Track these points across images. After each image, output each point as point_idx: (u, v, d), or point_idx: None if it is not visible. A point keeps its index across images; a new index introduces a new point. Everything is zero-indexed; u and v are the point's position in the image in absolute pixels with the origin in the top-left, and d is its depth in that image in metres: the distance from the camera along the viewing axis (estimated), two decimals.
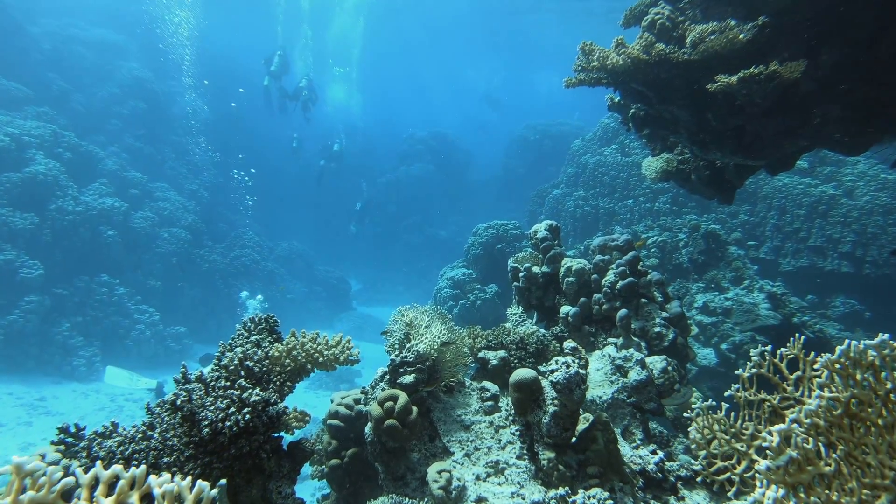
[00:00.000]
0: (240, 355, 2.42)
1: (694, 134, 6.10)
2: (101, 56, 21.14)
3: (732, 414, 1.80)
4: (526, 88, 52.64)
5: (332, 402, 3.78)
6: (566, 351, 2.92)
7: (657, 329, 4.09)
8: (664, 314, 4.18)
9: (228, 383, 2.30)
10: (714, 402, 2.17)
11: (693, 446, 2.00)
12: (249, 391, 2.25)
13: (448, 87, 53.38)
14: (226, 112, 24.89)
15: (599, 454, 2.86)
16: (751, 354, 1.96)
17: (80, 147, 16.35)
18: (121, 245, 15.40)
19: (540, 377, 3.05)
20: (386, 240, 28.03)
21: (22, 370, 12.39)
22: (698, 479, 3.08)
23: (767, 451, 1.50)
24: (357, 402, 3.70)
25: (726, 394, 1.94)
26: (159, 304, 15.66)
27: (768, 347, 1.93)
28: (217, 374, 2.41)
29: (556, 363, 2.89)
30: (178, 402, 2.21)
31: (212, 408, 2.19)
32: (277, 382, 2.54)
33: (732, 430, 1.78)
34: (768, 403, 1.76)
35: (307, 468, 4.00)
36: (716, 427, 1.89)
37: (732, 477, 1.70)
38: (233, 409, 2.17)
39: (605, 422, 2.97)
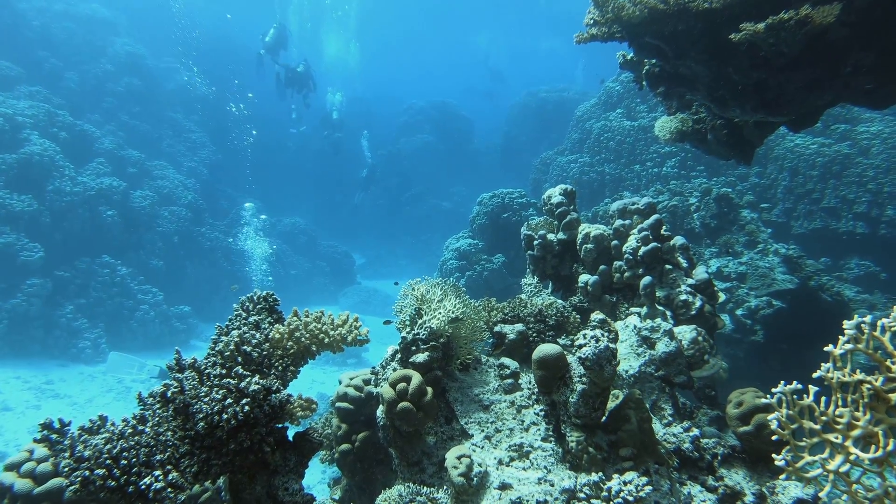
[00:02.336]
0: (236, 339, 2.17)
1: (713, 90, 5.75)
2: (92, 32, 20.51)
3: (823, 399, 1.57)
4: (528, 55, 51.48)
5: (340, 382, 3.55)
6: (594, 323, 2.68)
7: (683, 297, 3.84)
8: (690, 281, 3.92)
9: (224, 371, 2.06)
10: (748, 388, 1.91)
11: (774, 436, 1.76)
12: (248, 379, 2.01)
13: (449, 54, 52.23)
14: (222, 87, 24.29)
15: (632, 434, 2.64)
16: (844, 326, 1.70)
17: (76, 126, 15.96)
18: (121, 225, 15.13)
19: (565, 352, 2.81)
20: (389, 212, 27.72)
21: (28, 354, 12.29)
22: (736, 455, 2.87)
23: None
24: (367, 382, 3.48)
25: (815, 374, 1.69)
26: (162, 284, 15.47)
27: (867, 318, 1.67)
28: (212, 360, 2.17)
29: (584, 337, 2.64)
30: (169, 393, 1.98)
31: (206, 399, 1.96)
32: (279, 368, 2.30)
33: (824, 418, 1.54)
34: (868, 386, 1.50)
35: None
36: (801, 416, 1.65)
37: (826, 474, 1.47)
38: (230, 401, 1.93)
39: (638, 399, 2.73)
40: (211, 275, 17.63)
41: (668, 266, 3.98)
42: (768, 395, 1.94)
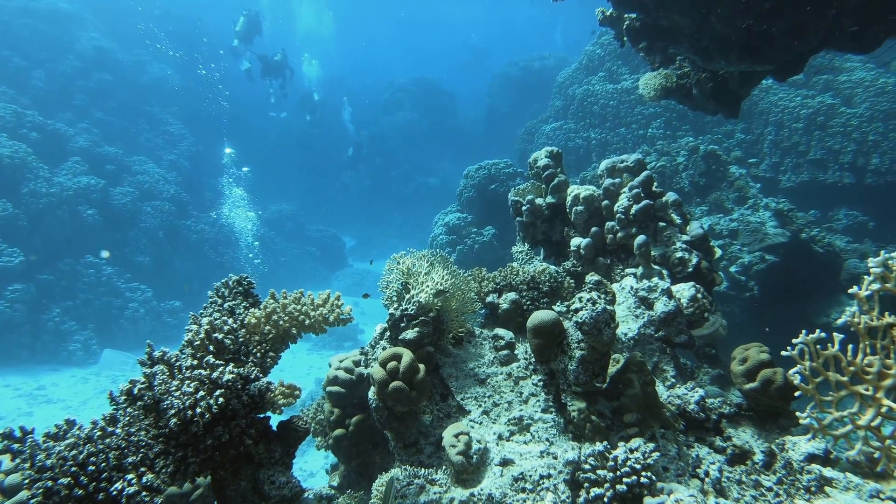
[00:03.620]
0: (206, 327, 2.00)
1: (696, 41, 5.57)
2: (57, 28, 19.75)
3: (850, 347, 1.43)
4: (506, 24, 50.57)
5: (330, 366, 3.41)
6: (589, 285, 2.53)
7: (679, 254, 3.71)
8: (685, 237, 3.79)
9: (196, 362, 1.90)
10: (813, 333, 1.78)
11: (796, 392, 1.62)
12: (221, 369, 1.85)
13: (427, 29, 51.21)
14: (198, 78, 23.67)
15: (636, 399, 2.52)
16: (869, 263, 1.56)
17: (47, 126, 15.48)
18: (102, 223, 14.80)
19: (561, 318, 2.67)
20: (376, 193, 27.42)
21: (17, 360, 12.06)
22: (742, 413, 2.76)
23: None
24: (357, 364, 3.33)
25: (839, 321, 1.55)
26: (151, 280, 15.21)
27: (894, 256, 1.53)
28: (184, 352, 2.01)
29: (580, 301, 2.50)
30: (136, 390, 1.82)
31: (177, 394, 1.80)
32: (258, 354, 2.14)
33: (851, 368, 1.40)
34: None
35: (312, 439, 3.68)
36: (826, 367, 1.50)
37: (856, 430, 1.33)
38: (202, 393, 1.78)
39: (641, 361, 2.60)
40: (200, 267, 17.36)
41: (661, 223, 3.84)
42: (789, 348, 1.82)
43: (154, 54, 23.00)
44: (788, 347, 1.69)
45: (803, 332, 1.57)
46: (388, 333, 3.10)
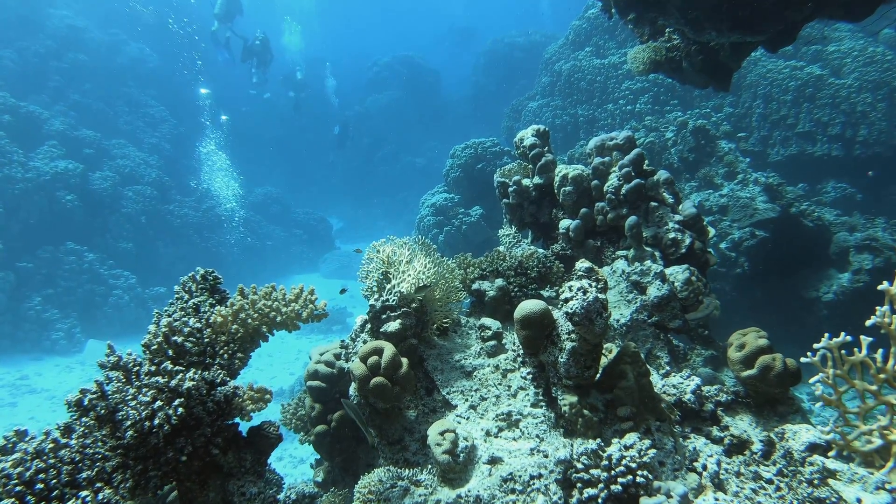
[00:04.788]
0: (164, 329, 1.84)
1: (686, 12, 5.36)
2: (26, 5, 18.97)
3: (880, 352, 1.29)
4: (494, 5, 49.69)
5: (310, 359, 3.26)
6: (580, 272, 2.39)
7: (672, 235, 3.57)
8: (678, 217, 3.65)
9: (154, 367, 1.74)
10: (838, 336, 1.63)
11: (817, 405, 1.48)
12: (180, 376, 1.69)
13: (410, 5, 50.21)
14: (177, 58, 23.00)
15: (630, 392, 2.39)
16: None
17: (20, 108, 14.98)
18: (82, 209, 14.42)
19: (551, 308, 2.53)
20: (362, 174, 27.05)
21: None
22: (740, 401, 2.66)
23: None
24: (338, 357, 3.19)
25: (868, 322, 1.41)
26: (134, 267, 14.91)
27: None
28: (141, 357, 1.85)
29: (570, 290, 2.36)
30: (86, 401, 1.65)
31: (133, 403, 1.64)
32: (225, 356, 1.98)
33: (882, 375, 1.27)
34: None
35: (294, 434, 3.55)
36: (851, 375, 1.35)
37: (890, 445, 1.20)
38: (159, 403, 1.62)
39: (635, 352, 2.47)
40: (184, 252, 17.05)
41: (653, 203, 3.70)
42: (809, 354, 1.69)
43: (131, 33, 22.26)
44: (809, 353, 1.55)
45: (826, 335, 1.42)
46: (368, 326, 2.95)
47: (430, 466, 2.48)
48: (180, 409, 1.63)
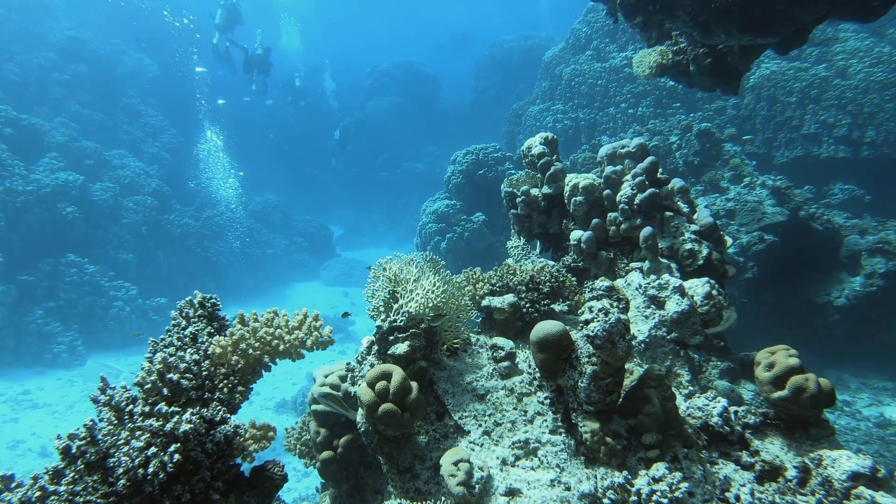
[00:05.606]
0: (158, 366, 1.70)
1: (695, 15, 5.25)
2: (28, 18, 18.89)
3: None
4: (493, 6, 49.62)
5: (314, 380, 3.12)
6: (599, 291, 2.25)
7: (688, 246, 3.44)
8: (694, 227, 3.52)
9: (148, 408, 1.60)
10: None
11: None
12: (176, 418, 1.56)
13: (407, 11, 50.17)
14: (176, 68, 22.92)
15: (655, 417, 2.25)
16: None
17: (21, 121, 14.88)
18: (83, 221, 14.29)
19: (569, 328, 2.39)
20: (362, 180, 26.93)
21: (0, 364, 11.65)
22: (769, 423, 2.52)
23: None
24: (343, 379, 3.04)
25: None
26: (135, 278, 14.77)
27: None
28: (136, 394, 1.71)
29: (591, 310, 2.22)
30: (74, 448, 1.51)
31: (125, 449, 1.50)
32: (224, 390, 1.85)
33: None
34: None
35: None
36: None
37: None
38: (154, 450, 1.49)
39: (659, 375, 2.34)
40: (185, 263, 16.94)
41: (668, 213, 3.56)
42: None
43: (130, 43, 22.21)
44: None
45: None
46: (375, 348, 2.81)
47: (443, 498, 2.34)
48: (176, 456, 1.49)
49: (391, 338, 2.71)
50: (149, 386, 1.68)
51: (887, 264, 7.58)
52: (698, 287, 3.08)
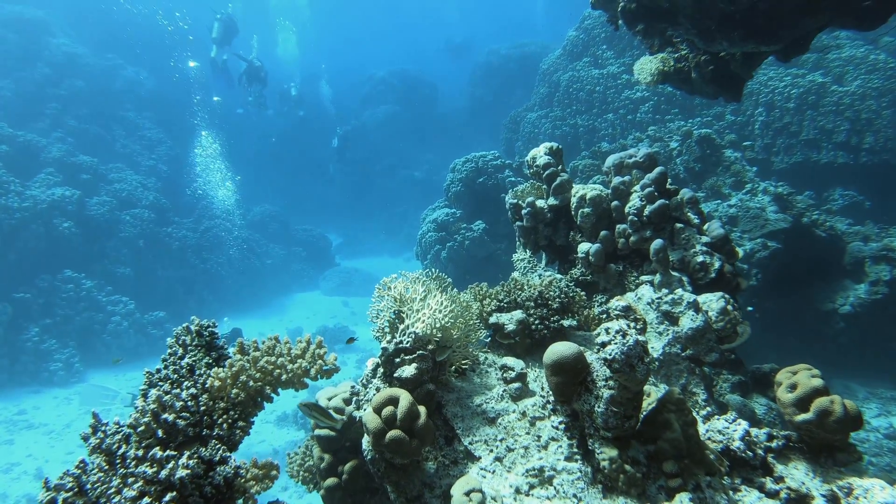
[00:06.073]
0: (152, 407, 1.59)
1: (697, 22, 5.19)
2: (24, 35, 18.82)
3: None
4: (485, 7, 49.66)
5: (316, 399, 3.00)
6: (616, 311, 2.15)
7: (700, 258, 3.34)
8: (705, 239, 3.42)
9: (142, 451, 1.49)
10: None
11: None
12: (172, 465, 1.45)
13: (402, 18, 50.23)
14: (172, 81, 22.85)
15: (676, 444, 2.15)
16: None
17: (17, 137, 14.83)
18: (80, 236, 14.16)
19: (584, 349, 2.29)
20: (360, 188, 26.84)
21: None
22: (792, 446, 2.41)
23: None
24: (347, 402, 2.93)
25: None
26: (133, 292, 14.60)
27: None
28: (128, 432, 1.60)
29: (608, 332, 2.12)
30: (61, 501, 1.40)
31: (117, 499, 1.39)
32: (224, 426, 1.74)
33: None
34: None
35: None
36: None
37: None
38: (147, 500, 1.38)
39: (679, 399, 2.23)
40: (183, 275, 16.78)
41: (678, 224, 3.47)
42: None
43: (127, 57, 22.15)
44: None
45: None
46: (381, 370, 2.70)
47: None
48: None
49: (397, 360, 2.60)
50: (142, 428, 1.56)
51: (892, 272, 7.51)
52: (713, 302, 2.98)
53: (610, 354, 2.08)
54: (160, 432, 1.58)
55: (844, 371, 7.64)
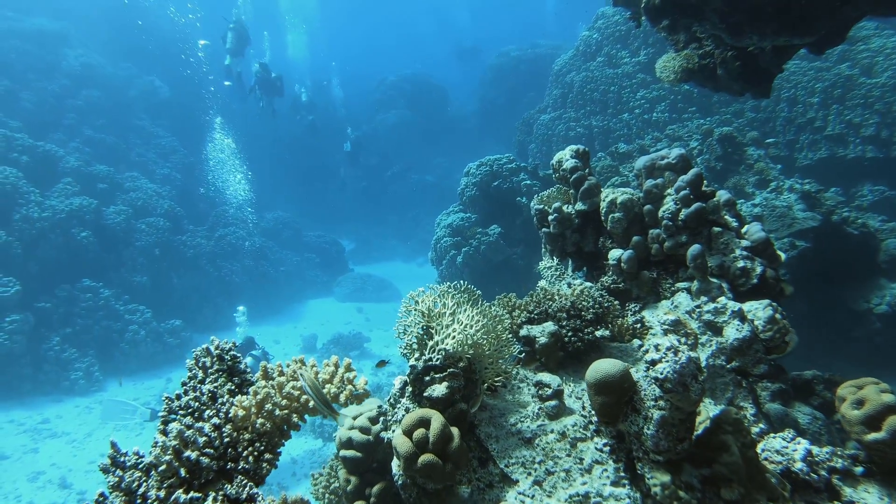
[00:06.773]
0: (174, 444, 1.46)
1: (726, 16, 5.00)
2: (43, 47, 19.07)
3: None
4: (494, 9, 49.50)
5: (341, 425, 2.87)
6: (665, 325, 1.99)
7: (740, 263, 3.16)
8: (745, 243, 3.25)
9: (164, 493, 1.36)
10: None
11: None
12: None
13: (412, 23, 50.26)
14: (187, 89, 22.98)
15: (735, 468, 1.98)
16: None
17: (37, 148, 14.95)
18: (97, 245, 14.26)
19: (630, 367, 2.13)
20: (372, 193, 26.81)
21: (19, 394, 11.61)
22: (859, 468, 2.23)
23: None
24: (374, 421, 2.79)
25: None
26: (149, 300, 14.66)
27: None
28: (150, 464, 1.47)
29: (657, 349, 1.96)
30: None
31: None
32: (250, 459, 1.61)
33: None
34: None
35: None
36: None
37: None
38: None
39: (737, 419, 2.07)
40: (198, 283, 16.82)
41: (715, 228, 3.29)
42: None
43: (142, 66, 22.35)
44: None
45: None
46: (409, 389, 2.55)
47: None
48: None
49: (426, 378, 2.46)
50: (164, 468, 1.44)
51: None
52: (759, 311, 2.81)
53: (661, 373, 1.92)
54: (182, 471, 1.45)
55: (880, 373, 7.36)
